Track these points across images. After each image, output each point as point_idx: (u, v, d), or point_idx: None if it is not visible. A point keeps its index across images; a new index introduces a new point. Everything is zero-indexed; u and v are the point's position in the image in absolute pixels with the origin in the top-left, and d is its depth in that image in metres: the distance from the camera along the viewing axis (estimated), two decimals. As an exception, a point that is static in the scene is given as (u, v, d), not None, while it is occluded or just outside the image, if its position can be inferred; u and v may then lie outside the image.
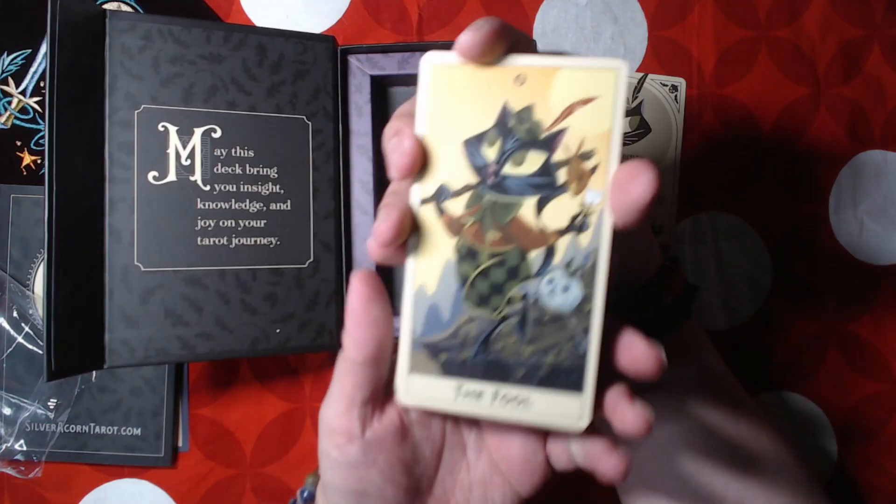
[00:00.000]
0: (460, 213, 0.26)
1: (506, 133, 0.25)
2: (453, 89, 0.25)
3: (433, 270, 0.26)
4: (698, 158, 0.51)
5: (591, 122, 0.25)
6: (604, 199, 0.25)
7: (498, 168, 0.25)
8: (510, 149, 0.25)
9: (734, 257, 0.52)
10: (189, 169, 0.42)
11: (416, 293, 0.26)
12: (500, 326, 0.26)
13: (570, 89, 0.25)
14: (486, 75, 0.25)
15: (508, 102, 0.25)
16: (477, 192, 0.26)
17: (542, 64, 0.25)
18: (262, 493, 0.49)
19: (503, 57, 0.25)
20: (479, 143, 0.25)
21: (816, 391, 0.52)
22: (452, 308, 0.26)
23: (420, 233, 0.26)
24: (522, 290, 0.26)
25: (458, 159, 0.25)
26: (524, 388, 0.26)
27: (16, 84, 0.50)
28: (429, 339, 0.26)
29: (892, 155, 0.53)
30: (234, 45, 0.43)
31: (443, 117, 0.25)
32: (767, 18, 0.52)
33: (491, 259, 0.26)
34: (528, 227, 0.25)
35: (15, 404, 0.48)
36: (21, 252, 0.49)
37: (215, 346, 0.42)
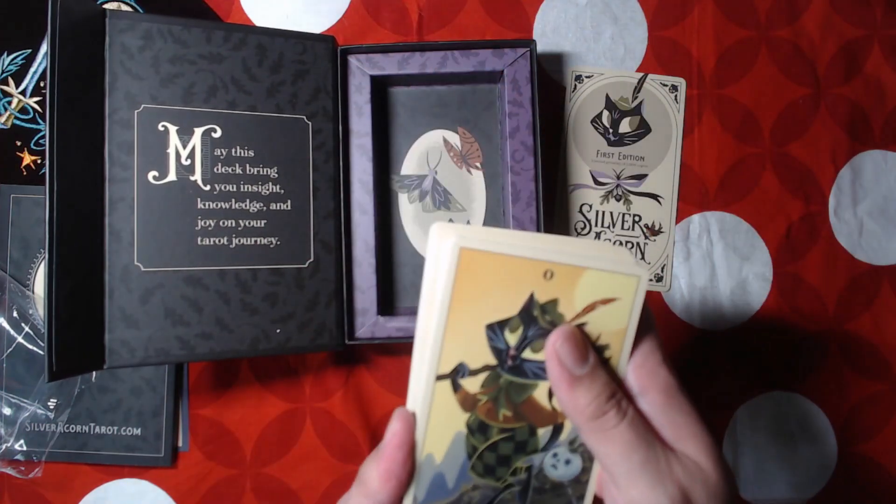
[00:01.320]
0: (476, 391, 0.27)
1: (528, 321, 0.26)
2: (481, 274, 0.26)
3: (442, 442, 0.27)
4: (698, 158, 0.52)
5: (609, 319, 0.26)
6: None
7: (517, 353, 0.26)
8: (532, 336, 0.26)
9: (734, 257, 0.52)
10: (189, 169, 0.42)
11: (423, 461, 0.27)
12: (503, 494, 0.27)
13: (595, 288, 0.26)
14: (516, 266, 0.26)
15: (535, 294, 0.26)
16: (494, 373, 0.26)
17: (572, 262, 0.26)
18: (262, 493, 0.49)
19: (536, 245, 0.26)
20: (501, 329, 0.26)
21: (816, 391, 0.52)
22: (458, 477, 0.27)
23: (433, 407, 0.27)
24: (528, 462, 0.27)
25: (479, 341, 0.26)
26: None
27: (16, 84, 0.50)
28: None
29: (892, 155, 0.53)
30: (234, 45, 0.43)
31: (468, 299, 0.26)
32: (767, 18, 0.52)
33: (501, 434, 0.27)
34: (540, 407, 0.27)
35: (15, 404, 0.48)
36: (21, 252, 0.49)
37: (215, 346, 0.42)
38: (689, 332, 0.51)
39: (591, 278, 0.26)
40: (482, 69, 0.46)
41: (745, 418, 0.51)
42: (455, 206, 0.49)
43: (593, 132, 0.51)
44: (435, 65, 0.47)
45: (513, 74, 0.46)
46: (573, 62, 0.52)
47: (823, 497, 0.51)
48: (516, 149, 0.46)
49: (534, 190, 0.46)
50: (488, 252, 0.25)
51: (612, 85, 0.51)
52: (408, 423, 0.27)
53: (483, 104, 0.50)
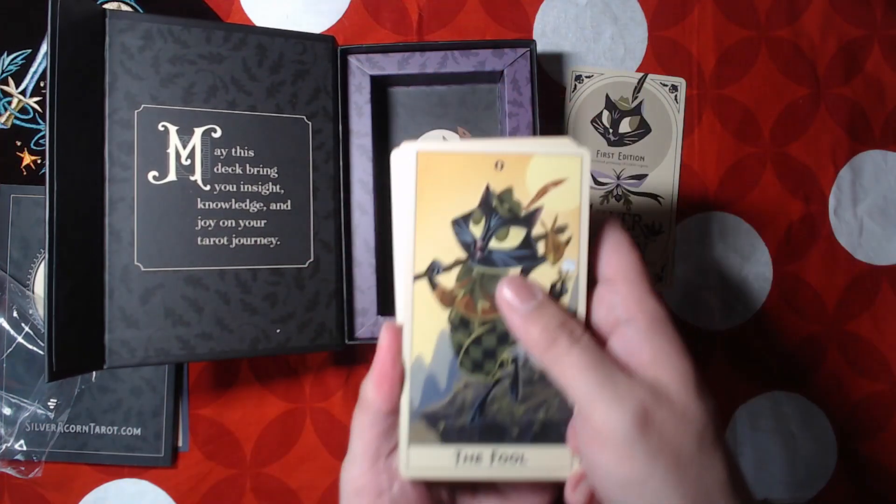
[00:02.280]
0: (452, 286, 0.28)
1: (489, 212, 0.28)
2: (439, 173, 0.28)
3: (428, 342, 0.28)
4: (698, 158, 0.52)
5: (562, 200, 0.28)
6: (577, 266, 0.28)
7: (484, 244, 0.28)
8: (494, 226, 0.28)
9: (734, 257, 0.52)
10: (189, 169, 0.42)
11: (413, 365, 0.28)
12: (495, 389, 0.28)
13: (543, 173, 0.28)
14: (469, 160, 0.28)
15: (490, 185, 0.28)
16: (466, 266, 0.28)
17: (518, 151, 0.28)
18: (262, 493, 0.49)
19: (485, 142, 0.28)
20: (466, 222, 0.28)
21: (816, 391, 0.52)
22: (449, 376, 0.28)
23: (415, 307, 0.28)
24: (513, 353, 0.28)
25: (447, 237, 0.28)
26: (519, 447, 0.28)
27: (16, 84, 0.50)
28: (427, 409, 0.28)
29: (892, 155, 0.53)
30: (234, 45, 0.43)
31: (431, 200, 0.28)
32: (767, 18, 0.52)
33: (482, 326, 0.28)
34: None
35: (15, 404, 0.48)
36: (21, 252, 0.49)
37: (215, 346, 0.42)
38: (690, 332, 0.51)
39: (539, 164, 0.28)
40: (482, 69, 0.47)
41: (745, 418, 0.51)
42: (455, 206, 0.49)
43: (593, 132, 0.51)
44: (435, 65, 0.47)
45: (513, 74, 0.46)
46: (573, 62, 0.52)
47: (823, 497, 0.51)
48: (516, 149, 0.46)
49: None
50: (442, 152, 0.28)
51: (612, 85, 0.51)
52: (394, 331, 0.28)
53: (483, 104, 0.50)
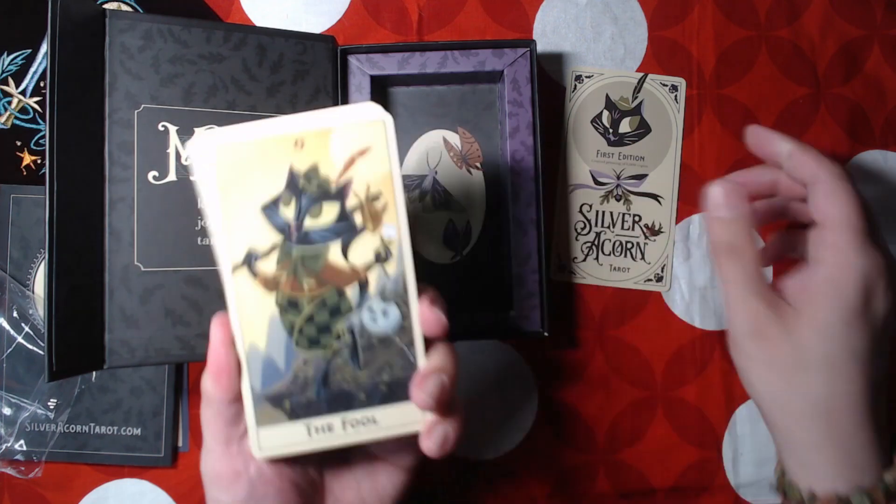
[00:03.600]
0: (273, 270, 0.28)
1: (298, 192, 0.28)
2: (239, 163, 0.28)
3: (259, 328, 0.28)
4: (698, 158, 0.51)
5: (371, 168, 0.28)
6: (398, 229, 0.29)
7: (299, 224, 0.28)
8: (305, 205, 0.28)
9: (734, 257, 0.52)
10: (189, 169, 0.42)
11: (248, 352, 0.28)
12: (335, 361, 0.28)
13: (347, 144, 0.28)
14: (267, 145, 0.28)
15: (293, 165, 0.28)
16: (284, 249, 0.28)
17: (316, 126, 0.28)
18: (262, 493, 0.49)
19: (282, 123, 0.28)
20: (275, 206, 0.28)
21: (816, 391, 0.52)
22: (286, 357, 0.28)
23: (238, 298, 0.28)
24: (347, 324, 0.28)
25: (259, 224, 0.28)
26: (369, 410, 0.28)
27: (16, 84, 0.50)
28: (269, 390, 0.28)
29: (892, 155, 0.53)
30: (234, 45, 0.43)
31: (235, 190, 0.28)
32: (767, 18, 0.52)
33: (312, 304, 0.28)
34: (338, 268, 0.28)
35: (15, 404, 0.48)
36: (21, 252, 0.49)
37: (215, 346, 0.42)
38: (690, 332, 0.51)
39: (340, 136, 0.28)
40: (482, 69, 0.47)
41: (745, 418, 0.51)
42: (455, 206, 0.49)
43: (593, 132, 0.51)
44: (435, 65, 0.47)
45: (513, 74, 0.46)
46: (573, 62, 0.52)
47: (823, 497, 0.51)
48: (516, 149, 0.46)
49: (534, 190, 0.46)
50: (239, 142, 0.28)
51: (612, 85, 0.51)
52: (223, 323, 0.28)
53: (483, 104, 0.50)
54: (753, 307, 0.32)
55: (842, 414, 0.30)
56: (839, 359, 0.30)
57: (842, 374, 0.30)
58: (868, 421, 0.30)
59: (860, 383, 0.30)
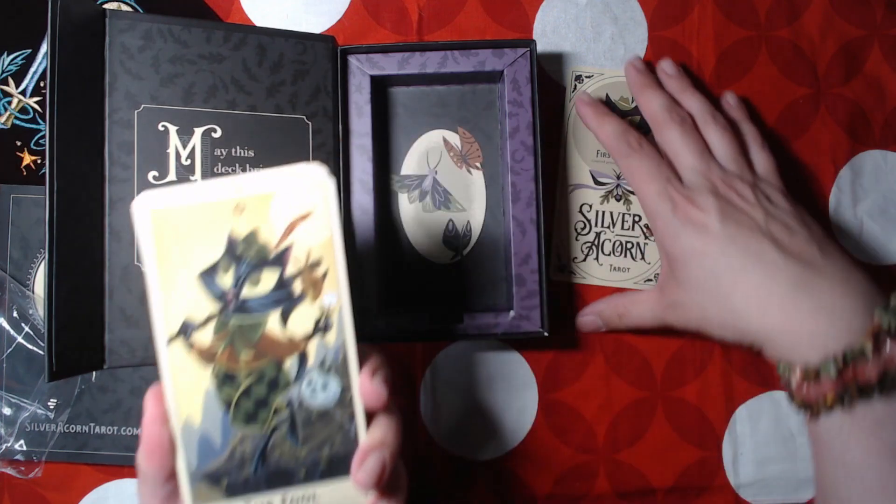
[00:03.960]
0: (209, 342, 0.27)
1: (237, 259, 0.27)
2: (176, 228, 0.27)
3: (195, 402, 0.27)
4: (698, 158, 0.51)
5: (312, 233, 0.27)
6: (339, 298, 0.28)
7: (237, 292, 0.27)
8: (244, 272, 0.27)
9: (734, 257, 0.51)
10: (189, 169, 0.42)
11: (182, 428, 0.27)
12: (273, 437, 0.28)
13: (287, 208, 0.27)
14: (206, 210, 0.27)
15: (233, 231, 0.27)
16: (221, 319, 0.27)
17: (256, 191, 0.27)
18: (262, 493, 0.49)
19: (222, 186, 0.27)
20: (213, 274, 0.27)
21: (816, 391, 0.52)
22: (222, 433, 0.27)
23: (172, 370, 0.27)
24: (285, 398, 0.28)
25: (196, 292, 0.27)
26: (309, 486, 0.28)
27: (16, 84, 0.50)
28: (206, 468, 0.27)
29: (892, 155, 0.53)
30: (234, 44, 0.43)
31: (172, 256, 0.27)
32: (767, 18, 0.52)
33: (249, 377, 0.27)
34: (277, 339, 0.27)
35: (15, 404, 0.48)
36: (21, 252, 0.49)
37: (215, 346, 0.42)
38: (689, 332, 0.51)
39: (281, 200, 0.27)
40: (482, 69, 0.47)
41: (745, 418, 0.51)
42: (455, 206, 0.49)
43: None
44: (435, 65, 0.47)
45: (513, 74, 0.46)
46: (573, 62, 0.52)
47: (823, 497, 0.51)
48: (516, 149, 0.46)
49: (534, 190, 0.46)
50: (176, 207, 0.27)
51: (612, 85, 0.51)
52: (157, 398, 0.27)
53: (483, 104, 0.50)
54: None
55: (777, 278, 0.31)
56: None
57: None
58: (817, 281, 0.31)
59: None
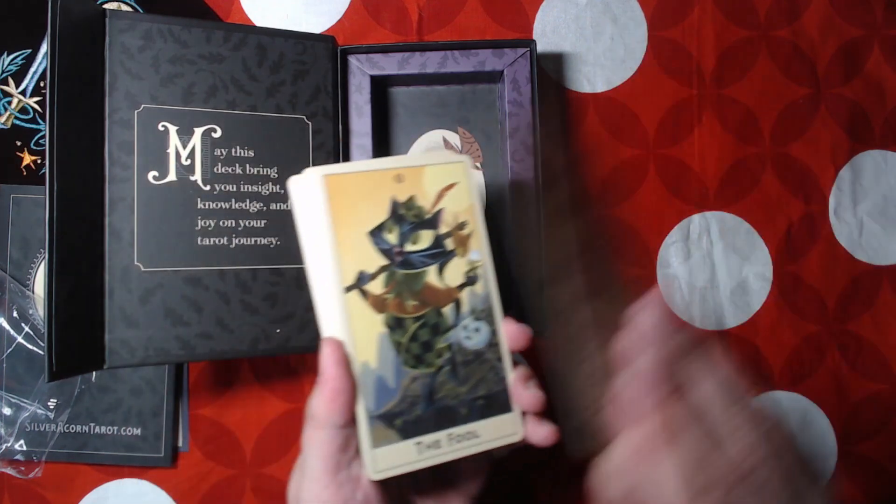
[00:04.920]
0: (381, 291, 0.30)
1: (399, 219, 0.31)
2: (347, 192, 0.30)
3: (370, 347, 0.30)
4: (698, 158, 0.51)
5: (457, 200, 0.32)
6: (482, 254, 0.32)
7: (401, 248, 0.31)
8: (406, 231, 0.31)
9: (734, 257, 0.52)
10: (189, 169, 0.42)
11: (361, 370, 0.29)
12: (438, 377, 0.30)
13: (437, 180, 0.32)
14: (372, 178, 0.31)
15: (395, 196, 0.31)
16: (390, 271, 0.31)
17: (412, 164, 0.32)
18: (262, 493, 0.49)
19: (382, 161, 0.32)
20: (380, 232, 0.31)
21: (816, 391, 0.52)
22: (395, 375, 0.30)
23: (351, 317, 0.29)
24: (447, 341, 0.31)
25: (367, 248, 0.30)
26: (471, 424, 0.30)
27: (16, 84, 0.50)
28: (381, 410, 0.29)
29: (892, 155, 0.53)
30: (234, 45, 0.43)
31: (344, 217, 0.30)
32: (767, 18, 0.52)
33: (415, 323, 0.30)
34: (436, 288, 0.31)
35: (15, 404, 0.48)
36: (21, 252, 0.49)
37: (215, 346, 0.42)
38: (689, 332, 0.51)
39: (432, 173, 0.32)
40: (482, 69, 0.46)
41: (745, 418, 0.51)
42: (455, 206, 0.49)
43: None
44: (435, 65, 0.47)
45: (513, 74, 0.46)
46: (573, 62, 0.52)
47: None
48: (516, 149, 0.46)
49: (534, 190, 0.46)
50: (347, 173, 0.31)
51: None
52: (336, 344, 0.29)
53: (483, 104, 0.50)
54: None
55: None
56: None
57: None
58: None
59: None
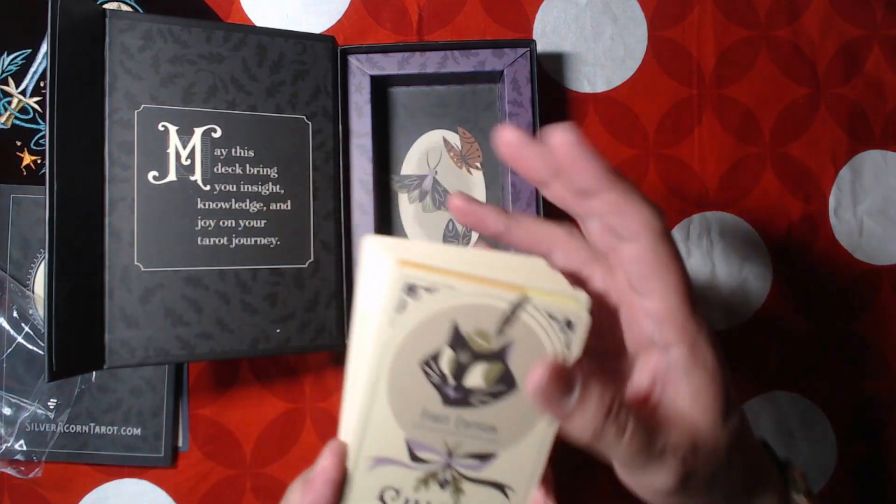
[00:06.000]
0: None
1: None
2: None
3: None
4: (698, 158, 0.51)
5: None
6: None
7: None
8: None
9: (734, 257, 0.52)
10: (189, 169, 0.42)
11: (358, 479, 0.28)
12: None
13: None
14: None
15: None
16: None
17: (520, 282, 0.24)
18: (262, 493, 0.49)
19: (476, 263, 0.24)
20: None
21: (816, 391, 0.52)
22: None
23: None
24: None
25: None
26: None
27: (16, 84, 0.50)
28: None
29: (892, 155, 0.53)
30: (234, 45, 0.43)
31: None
32: (767, 18, 0.52)
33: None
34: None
35: (15, 404, 0.48)
36: (21, 252, 0.49)
37: (215, 346, 0.42)
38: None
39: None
40: (482, 69, 0.46)
41: (745, 418, 0.51)
42: (455, 206, 0.49)
43: (422, 379, 0.28)
44: (435, 65, 0.47)
45: (513, 74, 0.46)
46: (573, 62, 0.52)
47: (823, 497, 0.51)
48: (516, 149, 0.46)
49: (534, 190, 0.46)
50: (434, 270, 0.23)
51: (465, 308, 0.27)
52: (339, 459, 0.27)
53: (483, 104, 0.50)
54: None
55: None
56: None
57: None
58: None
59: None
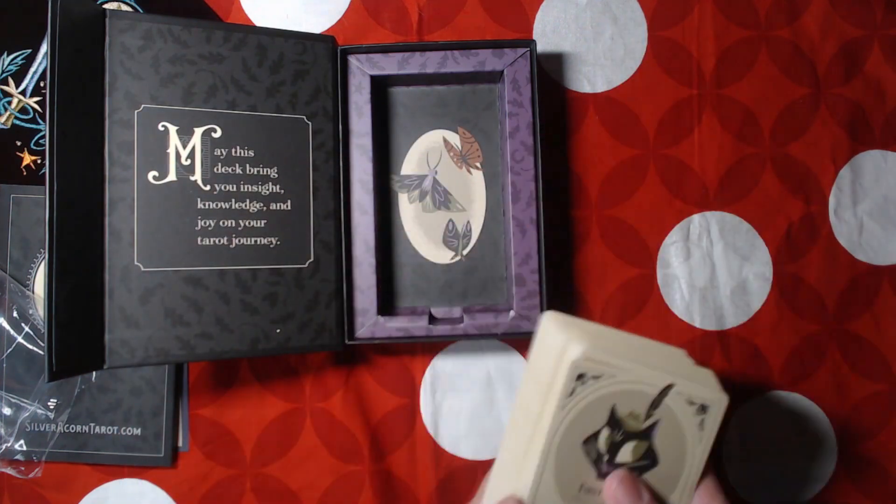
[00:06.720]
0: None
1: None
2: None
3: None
4: (698, 158, 0.51)
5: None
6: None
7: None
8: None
9: (734, 257, 0.52)
10: (189, 169, 0.42)
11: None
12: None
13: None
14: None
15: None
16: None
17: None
18: (262, 493, 0.49)
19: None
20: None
21: (816, 391, 0.52)
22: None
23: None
24: None
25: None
26: None
27: (16, 84, 0.50)
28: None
29: (892, 155, 0.53)
30: (234, 45, 0.43)
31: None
32: (767, 18, 0.52)
33: None
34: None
35: (15, 404, 0.48)
36: (21, 252, 0.49)
37: (215, 346, 0.42)
38: (689, 332, 0.51)
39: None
40: (482, 69, 0.46)
41: (745, 418, 0.51)
42: (455, 207, 0.49)
43: (582, 457, 0.31)
44: (435, 65, 0.47)
45: (513, 74, 0.46)
46: (573, 62, 0.52)
47: (823, 497, 0.51)
48: (516, 149, 0.46)
49: (534, 190, 0.46)
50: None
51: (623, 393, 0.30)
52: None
53: (483, 104, 0.50)
54: None
55: None
56: None
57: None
58: None
59: None
